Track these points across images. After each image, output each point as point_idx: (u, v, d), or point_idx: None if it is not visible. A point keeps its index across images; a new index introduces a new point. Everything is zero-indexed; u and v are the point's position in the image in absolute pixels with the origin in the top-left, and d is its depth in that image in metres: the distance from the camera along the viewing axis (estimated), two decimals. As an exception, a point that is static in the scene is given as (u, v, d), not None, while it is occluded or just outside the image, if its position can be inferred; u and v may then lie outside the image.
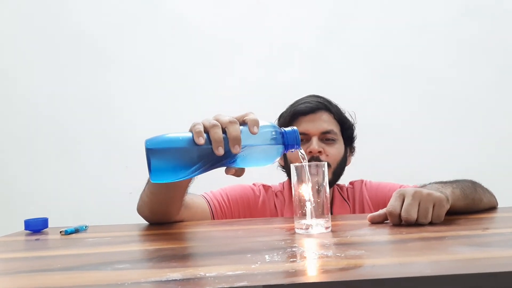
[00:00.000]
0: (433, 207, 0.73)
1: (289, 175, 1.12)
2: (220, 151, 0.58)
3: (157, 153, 0.59)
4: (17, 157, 1.84)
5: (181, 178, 0.61)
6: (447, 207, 0.75)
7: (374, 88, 1.88)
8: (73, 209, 1.75)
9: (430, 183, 0.85)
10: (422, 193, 0.73)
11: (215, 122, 0.60)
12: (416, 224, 0.72)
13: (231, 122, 0.60)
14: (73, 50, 1.88)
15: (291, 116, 1.08)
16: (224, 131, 0.60)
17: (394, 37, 1.90)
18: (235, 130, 0.59)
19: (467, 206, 0.85)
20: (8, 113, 1.87)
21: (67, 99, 1.87)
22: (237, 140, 0.59)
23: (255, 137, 0.61)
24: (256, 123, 0.61)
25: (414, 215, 0.71)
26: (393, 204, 0.73)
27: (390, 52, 1.90)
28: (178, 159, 0.59)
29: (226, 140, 0.59)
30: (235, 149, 0.59)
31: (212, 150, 0.59)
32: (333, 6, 1.91)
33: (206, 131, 0.60)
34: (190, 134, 0.60)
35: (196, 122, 0.61)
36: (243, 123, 0.62)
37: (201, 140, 0.58)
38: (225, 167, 0.63)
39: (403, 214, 0.72)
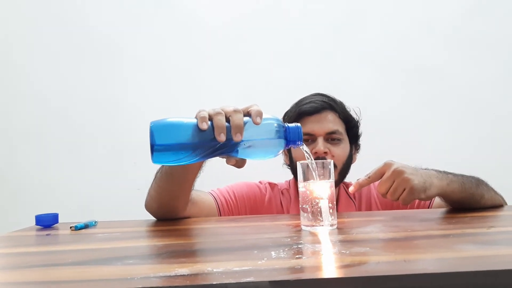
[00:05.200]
0: (404, 190, 0.80)
1: (294, 172, 1.13)
2: (222, 138, 0.59)
3: (161, 134, 0.60)
4: (27, 153, 1.86)
5: (181, 162, 0.62)
6: (419, 196, 0.82)
7: (381, 85, 1.87)
8: (81, 205, 1.77)
9: (431, 169, 0.89)
10: (401, 174, 0.81)
11: (220, 110, 0.62)
12: (419, 220, 0.73)
13: (235, 111, 0.62)
14: (85, 46, 1.89)
15: (296, 116, 1.08)
16: (228, 120, 0.61)
17: (401, 34, 1.89)
18: (238, 118, 0.61)
19: (463, 199, 0.89)
20: (19, 109, 1.88)
21: (77, 95, 1.88)
22: (239, 128, 0.60)
23: (258, 128, 0.62)
24: (259, 113, 0.62)
25: (383, 191, 0.82)
26: (375, 172, 0.83)
27: (397, 50, 1.89)
28: (181, 142, 0.61)
29: (229, 129, 0.61)
30: (236, 137, 0.60)
31: (214, 137, 0.60)
32: (340, 3, 1.90)
33: (211, 118, 0.61)
34: (195, 120, 0.62)
35: (202, 109, 0.62)
36: (247, 114, 0.63)
37: (204, 126, 0.59)
38: (226, 158, 0.64)
39: (377, 186, 0.84)
